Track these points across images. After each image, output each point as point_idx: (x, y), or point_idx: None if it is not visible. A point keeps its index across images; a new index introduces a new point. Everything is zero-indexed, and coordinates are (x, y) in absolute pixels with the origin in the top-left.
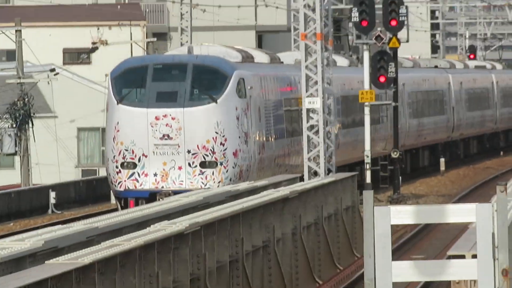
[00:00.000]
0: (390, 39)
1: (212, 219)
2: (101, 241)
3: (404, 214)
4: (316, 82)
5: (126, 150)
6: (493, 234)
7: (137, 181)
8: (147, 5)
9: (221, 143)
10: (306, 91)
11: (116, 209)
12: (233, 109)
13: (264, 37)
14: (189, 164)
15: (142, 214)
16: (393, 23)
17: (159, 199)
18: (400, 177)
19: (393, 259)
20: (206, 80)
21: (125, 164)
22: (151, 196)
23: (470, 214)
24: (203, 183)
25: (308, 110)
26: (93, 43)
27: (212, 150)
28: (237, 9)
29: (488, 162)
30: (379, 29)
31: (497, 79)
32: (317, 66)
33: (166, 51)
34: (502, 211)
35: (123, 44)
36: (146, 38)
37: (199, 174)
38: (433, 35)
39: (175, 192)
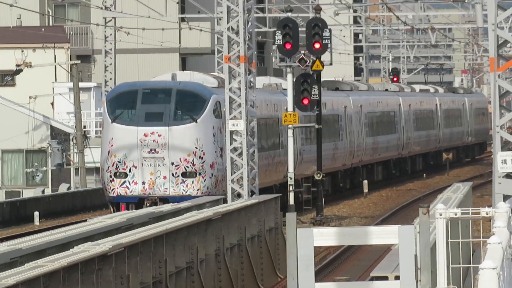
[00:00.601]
0: (314, 62)
1: (135, 240)
2: (25, 262)
3: (327, 236)
4: (239, 105)
5: (119, 162)
6: (415, 255)
7: (128, 188)
8: (71, 27)
9: (200, 157)
10: (230, 114)
11: (38, 231)
12: (210, 127)
13: (188, 60)
14: (173, 174)
15: (66, 235)
16: (317, 46)
17: (146, 204)
18: (324, 199)
19: (316, 281)
20: (188, 103)
21: (118, 173)
22: (140, 201)
23: (392, 235)
24: (184, 190)
25: (231, 133)
26: (17, 65)
27: (193, 162)
28: (161, 32)
29: (411, 184)
30: (302, 52)
31: (440, 101)
32: (241, 88)
33: (90, 73)
34: (424, 233)
35: (47, 66)
36: (70, 60)
37: (181, 183)
38: (356, 58)
39: (161, 198)
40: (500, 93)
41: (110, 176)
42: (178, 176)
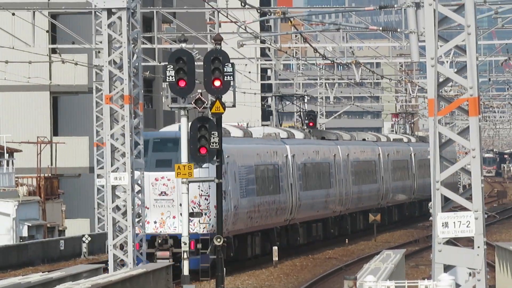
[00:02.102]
0: (213, 103)
1: None
2: None
3: None
4: (123, 154)
5: None
6: None
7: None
8: None
9: (205, 198)
10: (112, 165)
11: None
12: (213, 172)
13: (60, 99)
14: (181, 214)
15: None
16: (217, 83)
17: (158, 241)
18: (225, 269)
19: None
20: None
21: None
22: (152, 238)
23: None
24: (192, 228)
25: (113, 188)
26: None
27: (198, 203)
28: (28, 66)
29: (330, 251)
30: (199, 91)
31: (414, 151)
32: (125, 135)
33: None
34: None
35: None
36: None
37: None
38: (264, 99)
39: (170, 235)
40: (440, 141)
41: None
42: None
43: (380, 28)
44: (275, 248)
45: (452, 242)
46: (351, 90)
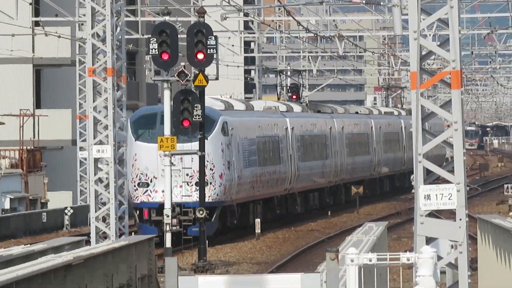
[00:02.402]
0: (196, 76)
1: None
2: None
3: (215, 286)
4: (106, 127)
5: (142, 174)
6: None
7: (150, 196)
8: None
9: (210, 169)
10: (95, 137)
11: None
12: (219, 144)
13: (43, 72)
14: (187, 183)
15: None
16: (200, 56)
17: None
18: (207, 241)
19: None
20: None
21: (141, 183)
22: (160, 206)
23: (294, 285)
24: (197, 197)
25: (96, 160)
26: None
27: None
28: (11, 38)
29: (313, 223)
30: (182, 64)
31: (405, 124)
32: (108, 107)
33: None
34: (332, 282)
35: None
36: None
37: (194, 191)
38: (247, 71)
39: (177, 204)
40: (423, 114)
41: (134, 186)
42: (192, 185)
43: (364, 1)
44: (257, 220)
45: (434, 214)
46: (334, 63)
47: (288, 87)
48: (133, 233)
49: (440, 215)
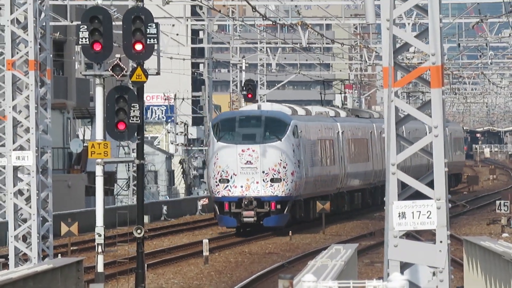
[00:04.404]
0: (134, 70)
1: None
2: None
3: None
4: (28, 130)
5: (223, 171)
6: None
7: (230, 191)
8: None
9: (283, 167)
10: (14, 142)
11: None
12: (290, 144)
13: None
14: (263, 180)
15: None
16: (138, 47)
17: (244, 202)
18: (146, 265)
19: None
20: (274, 126)
21: (222, 179)
22: (239, 200)
23: None
24: (272, 192)
25: (15, 169)
26: None
27: (278, 171)
28: None
29: (270, 245)
30: (118, 56)
31: (378, 128)
32: (30, 107)
33: None
34: None
35: None
36: None
37: (269, 186)
38: (195, 65)
39: (254, 198)
40: (398, 117)
41: (216, 182)
42: (267, 181)
43: None
44: (205, 241)
45: (414, 235)
46: (297, 56)
47: (242, 84)
48: (59, 254)
49: (421, 236)
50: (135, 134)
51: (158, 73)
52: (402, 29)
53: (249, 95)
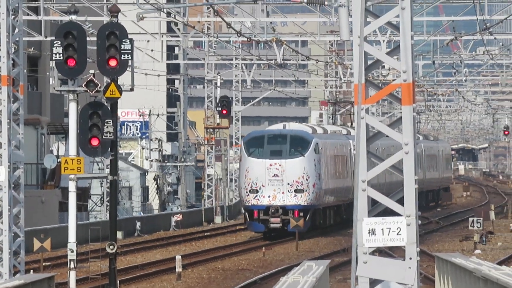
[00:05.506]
0: (108, 85)
1: None
2: None
3: None
4: (0, 145)
5: (253, 182)
6: None
7: (259, 200)
8: None
9: (306, 179)
10: None
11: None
12: (312, 160)
13: None
14: (288, 191)
15: None
16: (112, 63)
17: (271, 210)
18: (118, 281)
19: None
20: (298, 144)
21: (252, 190)
22: (267, 208)
23: None
24: (296, 201)
25: None
26: None
27: (301, 183)
28: None
29: (244, 261)
30: (92, 71)
31: (382, 146)
32: (2, 122)
33: None
34: None
35: None
36: None
37: (294, 196)
38: (170, 81)
39: (281, 206)
40: (368, 134)
41: (246, 192)
42: (292, 192)
43: (305, 0)
44: (178, 257)
45: (386, 252)
46: (272, 72)
47: (217, 100)
48: (31, 270)
49: (394, 252)
50: (109, 150)
51: (132, 89)
52: (377, 46)
53: (224, 111)
